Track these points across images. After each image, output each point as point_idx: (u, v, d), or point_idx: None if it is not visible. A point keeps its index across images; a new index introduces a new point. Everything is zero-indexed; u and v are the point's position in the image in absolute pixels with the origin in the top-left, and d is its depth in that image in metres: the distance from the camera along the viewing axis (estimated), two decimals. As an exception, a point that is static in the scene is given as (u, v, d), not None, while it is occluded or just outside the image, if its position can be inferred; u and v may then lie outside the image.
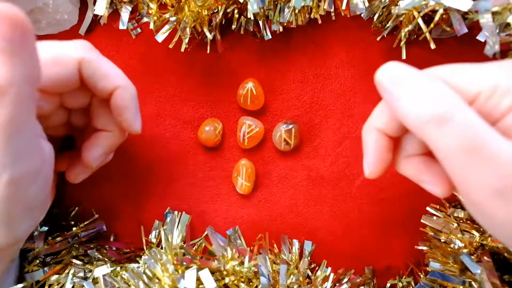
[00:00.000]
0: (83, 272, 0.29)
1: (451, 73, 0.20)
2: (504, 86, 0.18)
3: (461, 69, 0.20)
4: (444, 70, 0.20)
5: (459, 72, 0.20)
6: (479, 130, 0.17)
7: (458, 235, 0.30)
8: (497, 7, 0.26)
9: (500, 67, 0.19)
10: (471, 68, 0.20)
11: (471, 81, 0.19)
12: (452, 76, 0.20)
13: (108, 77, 0.23)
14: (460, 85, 0.19)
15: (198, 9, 0.29)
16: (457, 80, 0.19)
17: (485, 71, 0.19)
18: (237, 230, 0.34)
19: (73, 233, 0.30)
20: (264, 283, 0.27)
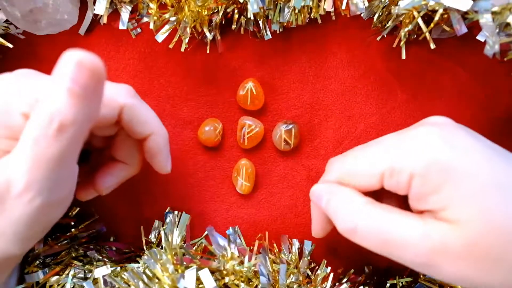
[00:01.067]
0: (83, 272, 0.29)
1: (346, 171, 0.24)
2: (396, 166, 0.21)
3: (352, 163, 0.24)
4: (339, 172, 0.25)
5: (352, 170, 0.24)
6: (382, 226, 0.21)
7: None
8: (497, 7, 0.26)
9: (386, 150, 0.22)
10: (362, 157, 0.23)
11: (368, 169, 0.23)
12: (349, 174, 0.24)
13: (146, 124, 0.25)
14: (360, 176, 0.23)
15: (198, 9, 0.29)
16: (356, 173, 0.24)
17: (377, 157, 0.23)
18: (237, 230, 0.34)
19: (73, 234, 0.30)
20: (264, 283, 0.27)
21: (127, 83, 0.34)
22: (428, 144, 0.21)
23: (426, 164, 0.20)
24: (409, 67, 0.33)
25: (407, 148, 0.21)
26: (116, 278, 0.27)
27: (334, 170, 0.25)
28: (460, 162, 0.20)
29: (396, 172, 0.21)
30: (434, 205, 0.20)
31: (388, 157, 0.22)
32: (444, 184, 0.20)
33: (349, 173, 0.24)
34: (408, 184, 0.21)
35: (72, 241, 0.30)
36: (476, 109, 0.33)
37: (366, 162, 0.23)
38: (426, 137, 0.21)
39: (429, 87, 0.33)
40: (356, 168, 0.23)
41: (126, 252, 0.32)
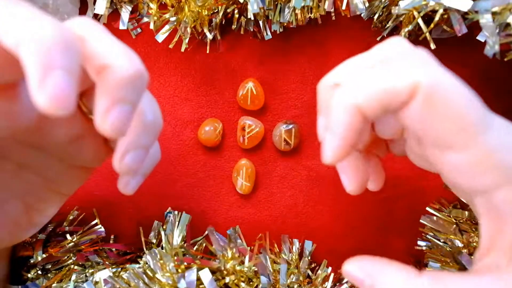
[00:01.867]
0: (84, 276, 0.29)
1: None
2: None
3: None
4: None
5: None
6: None
7: (458, 235, 0.30)
8: (497, 8, 0.26)
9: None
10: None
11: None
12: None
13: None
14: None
15: (198, 9, 0.29)
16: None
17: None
18: (237, 230, 0.34)
19: (72, 241, 0.30)
20: (264, 283, 0.27)
21: (127, 83, 0.34)
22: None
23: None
24: (409, 67, 0.33)
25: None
26: (117, 278, 0.27)
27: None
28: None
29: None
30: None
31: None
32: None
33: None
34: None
35: (72, 248, 0.30)
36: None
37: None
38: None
39: (429, 87, 0.33)
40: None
41: (126, 253, 0.32)
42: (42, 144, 0.20)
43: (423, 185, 0.33)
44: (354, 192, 0.22)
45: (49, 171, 0.21)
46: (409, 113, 0.16)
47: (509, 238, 0.17)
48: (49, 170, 0.21)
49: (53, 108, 0.13)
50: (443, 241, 0.30)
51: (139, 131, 0.19)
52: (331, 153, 0.18)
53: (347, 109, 0.17)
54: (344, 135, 0.17)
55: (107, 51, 0.16)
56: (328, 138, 0.18)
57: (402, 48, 0.18)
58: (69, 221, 0.32)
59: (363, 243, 0.33)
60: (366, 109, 0.17)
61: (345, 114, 0.17)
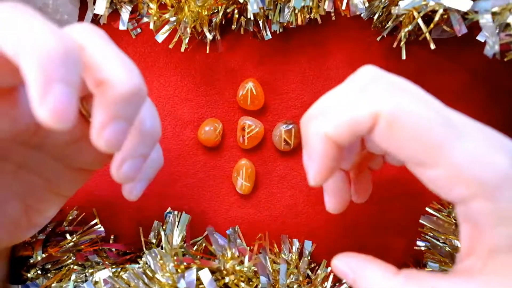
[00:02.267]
0: (84, 276, 0.29)
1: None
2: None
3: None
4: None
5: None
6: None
7: (457, 235, 0.30)
8: (496, 8, 0.26)
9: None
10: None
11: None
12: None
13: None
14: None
15: (198, 9, 0.29)
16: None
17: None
18: (237, 230, 0.34)
19: (72, 241, 0.30)
20: (264, 283, 0.27)
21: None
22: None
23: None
24: (409, 67, 0.33)
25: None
26: (117, 278, 0.27)
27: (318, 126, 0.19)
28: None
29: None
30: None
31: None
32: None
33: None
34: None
35: (72, 248, 0.30)
36: (476, 109, 0.33)
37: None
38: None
39: (429, 87, 0.33)
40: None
41: (126, 253, 0.32)
42: (42, 145, 0.20)
43: (422, 185, 0.33)
44: (334, 211, 0.24)
45: (48, 172, 0.21)
46: (377, 138, 0.18)
47: (485, 245, 0.17)
48: (49, 171, 0.21)
49: (54, 121, 0.13)
50: (442, 241, 0.30)
51: (137, 140, 0.18)
52: (313, 177, 0.20)
53: (319, 138, 0.18)
54: (320, 161, 0.19)
55: (106, 63, 0.15)
56: (309, 165, 0.20)
57: (372, 74, 0.19)
58: (68, 221, 0.32)
59: (362, 243, 0.33)
60: (336, 137, 0.18)
61: (319, 143, 0.19)
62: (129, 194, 0.21)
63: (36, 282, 0.28)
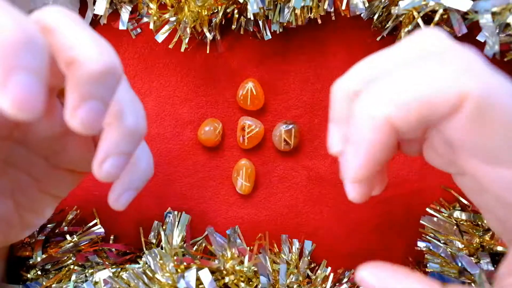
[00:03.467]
0: (84, 276, 0.29)
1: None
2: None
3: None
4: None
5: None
6: None
7: (458, 236, 0.30)
8: (496, 8, 0.26)
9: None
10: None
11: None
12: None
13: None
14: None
15: (198, 9, 0.29)
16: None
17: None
18: (237, 230, 0.34)
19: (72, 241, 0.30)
20: (264, 283, 0.27)
21: (127, 83, 0.34)
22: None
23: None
24: (409, 67, 0.33)
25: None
26: (117, 279, 0.27)
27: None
28: None
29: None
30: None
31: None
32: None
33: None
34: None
35: (72, 248, 0.30)
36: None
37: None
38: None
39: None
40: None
41: (126, 253, 0.32)
42: (26, 140, 0.19)
43: (422, 186, 0.33)
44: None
45: (35, 169, 0.20)
46: (453, 126, 0.14)
47: None
48: (36, 169, 0.20)
49: (18, 111, 0.12)
50: (443, 242, 0.30)
51: (119, 135, 0.17)
52: (354, 173, 0.15)
53: (375, 123, 0.14)
54: (371, 152, 0.15)
55: (75, 42, 0.14)
56: (351, 155, 0.15)
57: (442, 44, 0.15)
58: (68, 221, 0.32)
59: (363, 243, 0.33)
60: (400, 122, 0.14)
61: (373, 129, 0.14)
62: (115, 202, 0.19)
63: (37, 282, 0.28)
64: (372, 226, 0.33)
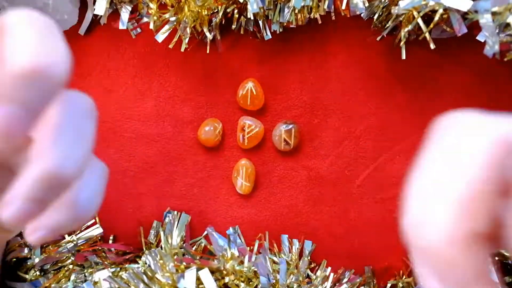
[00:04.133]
0: (83, 276, 0.29)
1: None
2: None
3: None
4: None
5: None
6: None
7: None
8: (497, 8, 0.26)
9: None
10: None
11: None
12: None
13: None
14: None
15: (198, 9, 0.29)
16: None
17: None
18: (237, 230, 0.34)
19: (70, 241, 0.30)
20: (264, 283, 0.27)
21: (127, 83, 0.34)
22: None
23: None
24: (409, 67, 0.33)
25: None
26: (116, 278, 0.27)
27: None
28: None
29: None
30: None
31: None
32: None
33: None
34: None
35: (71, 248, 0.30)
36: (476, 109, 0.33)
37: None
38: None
39: (429, 87, 0.33)
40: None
41: (125, 253, 0.32)
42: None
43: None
44: None
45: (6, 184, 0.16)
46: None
47: None
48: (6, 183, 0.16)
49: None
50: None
51: (33, 177, 0.13)
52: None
53: (464, 245, 0.13)
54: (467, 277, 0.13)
55: (13, 43, 0.12)
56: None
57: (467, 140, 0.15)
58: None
59: (363, 243, 0.33)
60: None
61: (464, 252, 0.13)
62: (29, 234, 0.15)
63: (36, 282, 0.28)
64: (372, 225, 0.33)
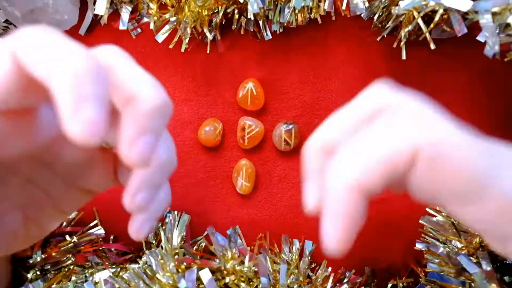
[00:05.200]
0: (84, 277, 0.29)
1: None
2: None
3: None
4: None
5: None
6: None
7: (457, 236, 0.30)
8: (497, 8, 0.26)
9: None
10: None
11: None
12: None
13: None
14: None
15: (198, 9, 0.29)
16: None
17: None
18: (238, 230, 0.34)
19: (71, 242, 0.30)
20: (264, 283, 0.27)
21: (127, 83, 0.34)
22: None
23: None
24: (409, 67, 0.33)
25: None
26: (117, 278, 0.27)
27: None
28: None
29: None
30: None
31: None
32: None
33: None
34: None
35: (72, 249, 0.30)
36: (476, 109, 0.33)
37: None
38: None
39: (429, 87, 0.33)
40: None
41: (126, 253, 0.32)
42: (51, 163, 0.20)
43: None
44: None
45: (53, 189, 0.21)
46: (415, 179, 0.16)
47: None
48: (54, 188, 0.21)
49: (85, 137, 0.13)
50: (442, 242, 0.30)
51: (154, 170, 0.18)
52: (337, 241, 0.16)
53: (347, 191, 0.16)
54: (349, 219, 0.16)
55: (135, 81, 0.16)
56: (329, 224, 0.17)
57: (389, 101, 0.18)
58: (68, 222, 0.32)
59: (363, 243, 0.33)
60: (369, 186, 0.16)
61: (347, 197, 0.16)
62: (137, 232, 0.20)
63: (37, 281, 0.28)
64: (372, 226, 0.33)
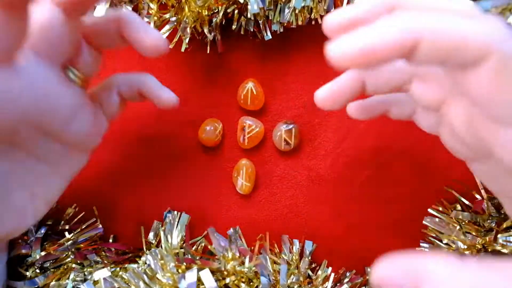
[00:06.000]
0: (83, 275, 0.28)
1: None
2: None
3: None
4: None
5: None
6: None
7: (461, 237, 0.29)
8: (496, 8, 0.26)
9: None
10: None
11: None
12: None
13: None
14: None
15: (198, 9, 0.29)
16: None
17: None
18: (238, 230, 0.33)
19: (71, 239, 0.30)
20: (264, 283, 0.27)
21: (127, 83, 0.34)
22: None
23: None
24: (409, 67, 0.33)
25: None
26: (116, 278, 0.27)
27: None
28: None
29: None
30: None
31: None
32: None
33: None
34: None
35: (71, 246, 0.30)
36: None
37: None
38: None
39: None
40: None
41: (125, 253, 0.32)
42: (49, 127, 0.20)
43: (422, 186, 0.33)
44: (323, 101, 0.23)
45: (53, 155, 0.22)
46: (476, 78, 0.14)
47: None
48: (53, 154, 0.22)
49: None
50: (445, 243, 0.30)
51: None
52: (343, 52, 0.14)
53: (403, 32, 0.13)
54: (376, 50, 0.14)
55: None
56: (357, 34, 0.14)
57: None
58: (67, 219, 0.32)
59: (363, 243, 0.33)
60: (425, 47, 0.14)
61: (397, 35, 0.13)
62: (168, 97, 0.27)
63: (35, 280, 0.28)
64: (373, 225, 0.33)
